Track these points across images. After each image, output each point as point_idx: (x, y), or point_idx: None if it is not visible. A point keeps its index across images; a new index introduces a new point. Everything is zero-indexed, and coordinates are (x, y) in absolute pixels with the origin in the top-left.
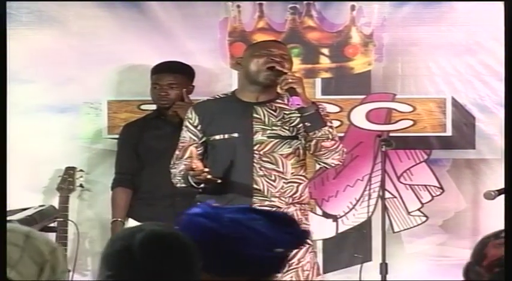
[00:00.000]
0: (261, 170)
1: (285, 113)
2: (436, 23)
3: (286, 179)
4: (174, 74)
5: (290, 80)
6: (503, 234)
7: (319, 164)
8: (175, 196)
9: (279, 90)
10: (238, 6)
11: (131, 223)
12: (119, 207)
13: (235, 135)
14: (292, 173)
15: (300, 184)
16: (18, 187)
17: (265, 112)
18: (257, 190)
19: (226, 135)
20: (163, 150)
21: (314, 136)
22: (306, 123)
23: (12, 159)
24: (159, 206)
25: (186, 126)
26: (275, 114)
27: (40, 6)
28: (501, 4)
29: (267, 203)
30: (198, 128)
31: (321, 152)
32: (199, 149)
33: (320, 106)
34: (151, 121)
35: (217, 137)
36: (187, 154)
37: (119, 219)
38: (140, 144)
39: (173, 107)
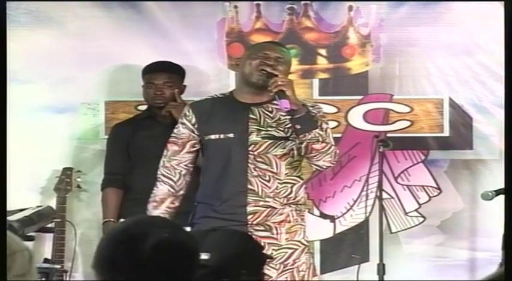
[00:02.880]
0: (255, 170)
1: (281, 115)
2: (434, 24)
3: (280, 179)
4: (168, 74)
5: (279, 83)
6: None
7: (312, 166)
8: None
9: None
10: (236, 7)
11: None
12: (110, 207)
13: (231, 135)
14: (286, 173)
15: (294, 184)
16: (16, 188)
17: (261, 113)
18: (251, 190)
19: (221, 136)
20: (155, 150)
21: (304, 139)
22: (296, 126)
23: (9, 159)
24: None
25: (183, 124)
26: (271, 115)
27: (38, 6)
28: (498, 4)
29: (261, 203)
30: (196, 126)
31: (312, 155)
32: (196, 145)
33: (316, 106)
34: (142, 121)
35: (212, 136)
36: (185, 149)
37: (111, 219)
38: (131, 144)
39: (167, 107)
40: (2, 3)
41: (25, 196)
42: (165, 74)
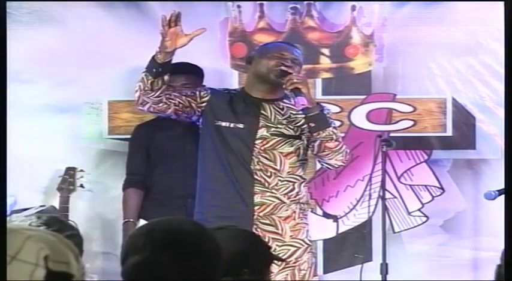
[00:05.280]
0: (258, 164)
1: (291, 113)
2: (437, 23)
3: (281, 177)
4: (186, 75)
5: (295, 80)
6: None
7: (322, 165)
8: (187, 197)
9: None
10: (239, 7)
11: (143, 224)
12: (131, 208)
13: (241, 126)
14: (288, 172)
15: (295, 183)
16: (19, 187)
17: (273, 110)
18: (257, 181)
19: (232, 124)
20: (175, 150)
21: (318, 137)
22: (310, 124)
23: (12, 159)
24: (171, 207)
25: (197, 91)
26: (282, 112)
27: (40, 6)
28: (501, 4)
29: (268, 194)
30: (203, 104)
31: (325, 153)
32: (192, 105)
33: (324, 107)
34: (163, 122)
35: (223, 123)
36: (184, 95)
37: (131, 220)
38: (152, 144)
39: None
40: (2, 3)
41: (28, 195)
42: (183, 76)
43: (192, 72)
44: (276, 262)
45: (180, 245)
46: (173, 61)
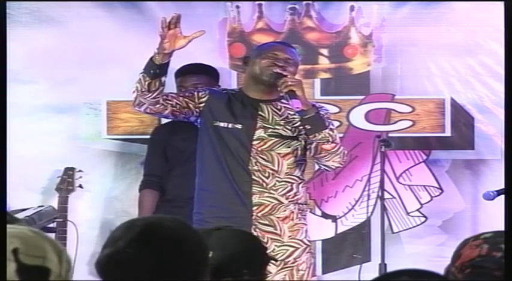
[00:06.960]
0: (256, 164)
1: (289, 113)
2: (435, 24)
3: (279, 177)
4: (198, 75)
5: (289, 83)
6: (484, 236)
7: (320, 167)
8: None
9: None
10: (238, 7)
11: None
12: (145, 209)
13: (239, 126)
14: (286, 172)
15: (293, 183)
16: (18, 187)
17: (270, 110)
18: (255, 181)
19: (230, 125)
20: (190, 152)
21: (314, 139)
22: (306, 126)
23: (11, 159)
24: (183, 208)
25: (195, 91)
26: (279, 113)
27: (40, 6)
28: (500, 4)
29: (266, 195)
30: (201, 105)
31: (322, 155)
32: (190, 105)
33: (322, 108)
34: (179, 123)
35: (221, 124)
36: (182, 96)
37: None
38: (168, 146)
39: None
40: (2, 3)
41: (27, 195)
42: (194, 76)
43: (204, 73)
44: (273, 262)
45: (158, 240)
46: (174, 62)
